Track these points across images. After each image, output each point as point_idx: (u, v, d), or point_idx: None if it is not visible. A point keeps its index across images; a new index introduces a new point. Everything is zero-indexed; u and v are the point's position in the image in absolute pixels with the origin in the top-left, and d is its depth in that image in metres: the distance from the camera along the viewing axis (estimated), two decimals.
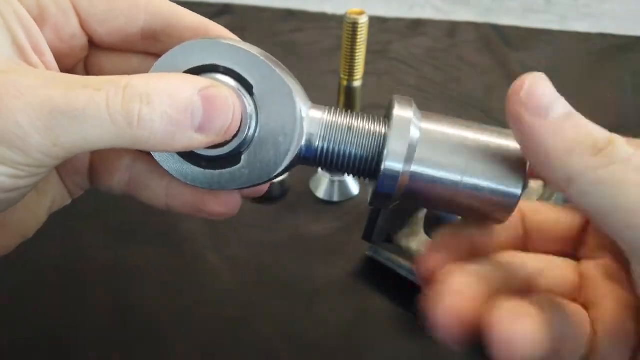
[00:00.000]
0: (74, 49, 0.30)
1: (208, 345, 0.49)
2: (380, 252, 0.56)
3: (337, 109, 0.29)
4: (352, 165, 0.29)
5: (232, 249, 0.58)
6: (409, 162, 0.27)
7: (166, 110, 0.24)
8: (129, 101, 0.23)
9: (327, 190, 0.65)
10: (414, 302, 0.31)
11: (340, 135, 0.28)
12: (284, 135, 0.28)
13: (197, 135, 0.25)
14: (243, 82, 0.28)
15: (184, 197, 0.31)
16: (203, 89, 0.25)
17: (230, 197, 0.31)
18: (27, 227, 0.31)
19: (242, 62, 0.28)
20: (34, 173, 0.24)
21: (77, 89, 0.23)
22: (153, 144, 0.24)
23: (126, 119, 0.23)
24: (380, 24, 1.03)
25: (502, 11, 1.14)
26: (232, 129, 0.26)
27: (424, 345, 0.50)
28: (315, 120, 0.28)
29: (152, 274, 0.55)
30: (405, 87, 0.89)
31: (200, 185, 0.29)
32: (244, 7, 1.07)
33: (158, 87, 0.24)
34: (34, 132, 0.23)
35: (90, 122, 0.23)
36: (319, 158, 0.29)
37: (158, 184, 0.32)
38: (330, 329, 0.51)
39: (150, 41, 0.31)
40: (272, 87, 0.28)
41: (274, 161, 0.28)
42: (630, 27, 1.06)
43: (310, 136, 0.28)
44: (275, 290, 0.54)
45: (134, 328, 0.50)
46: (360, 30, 0.57)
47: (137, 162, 0.32)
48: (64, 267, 0.55)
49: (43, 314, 0.51)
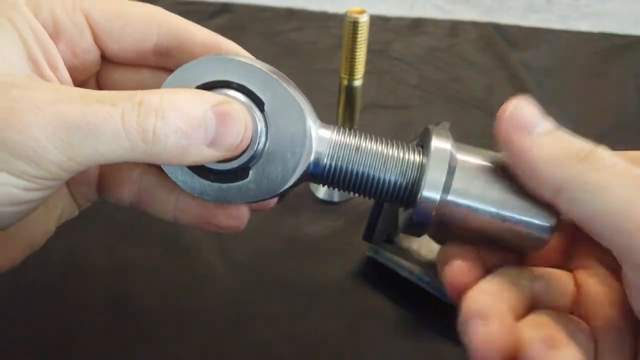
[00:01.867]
0: (87, 64, 0.31)
1: (208, 346, 0.49)
2: (381, 252, 0.56)
3: (345, 129, 0.30)
4: (363, 186, 0.29)
5: (232, 250, 0.58)
6: (446, 193, 0.28)
7: (180, 126, 0.24)
8: (144, 117, 0.24)
9: (327, 191, 0.65)
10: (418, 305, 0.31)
11: (348, 155, 0.29)
12: (293, 153, 0.28)
13: (208, 150, 0.25)
14: (254, 98, 0.28)
15: (193, 210, 0.32)
16: (216, 105, 0.25)
17: (239, 211, 0.31)
18: (36, 240, 0.32)
19: (254, 79, 0.28)
20: (46, 186, 0.25)
21: (93, 105, 0.24)
22: (166, 159, 0.25)
23: (141, 134, 0.24)
24: (381, 23, 1.03)
25: (504, 10, 1.14)
26: (243, 144, 0.27)
27: (424, 345, 0.50)
28: (324, 139, 0.29)
29: (153, 275, 0.55)
30: (406, 86, 0.88)
31: (208, 198, 0.29)
32: (244, 6, 1.07)
33: (172, 102, 0.24)
34: (50, 146, 0.23)
35: (106, 137, 0.23)
36: (325, 176, 0.29)
37: (167, 197, 0.32)
38: (330, 329, 0.51)
39: (162, 56, 0.31)
40: (282, 105, 0.28)
41: (282, 177, 0.29)
42: (632, 27, 1.06)
43: (319, 155, 0.29)
44: (275, 291, 0.54)
45: (134, 328, 0.50)
46: (361, 29, 0.57)
47: (146, 175, 0.33)
48: (65, 267, 0.55)
49: (43, 314, 0.51)
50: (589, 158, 0.25)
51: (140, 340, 0.49)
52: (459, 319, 0.27)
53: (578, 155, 0.25)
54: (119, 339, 0.49)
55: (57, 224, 0.33)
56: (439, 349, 0.50)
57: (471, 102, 0.84)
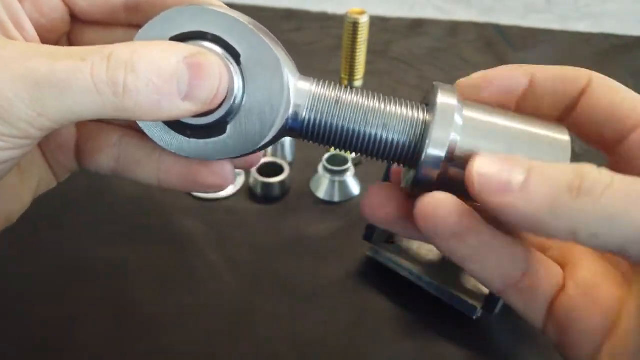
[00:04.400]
0: (55, 23, 0.30)
1: (208, 345, 0.49)
2: (381, 252, 0.56)
3: (326, 81, 0.29)
4: (349, 142, 0.28)
5: (232, 249, 0.58)
6: (452, 150, 0.27)
7: (151, 79, 0.23)
8: (113, 70, 0.23)
9: (327, 191, 0.65)
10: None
11: (328, 108, 0.28)
12: (271, 106, 0.27)
13: (183, 103, 0.24)
14: (230, 50, 0.27)
15: (176, 170, 0.30)
16: (189, 57, 0.24)
17: (223, 167, 0.30)
18: (11, 211, 0.30)
19: (230, 30, 0.27)
20: (18, 145, 0.24)
21: (61, 59, 0.23)
22: (139, 113, 0.24)
23: (111, 88, 0.23)
24: (381, 24, 1.03)
25: (503, 11, 1.14)
26: (218, 97, 0.26)
27: (424, 345, 0.50)
28: (303, 92, 0.28)
29: (153, 274, 0.55)
30: (406, 86, 0.89)
31: (185, 154, 0.28)
32: (244, 6, 1.07)
33: (143, 55, 0.24)
34: (18, 102, 0.22)
35: (75, 92, 0.23)
36: (305, 130, 0.28)
37: (149, 158, 0.31)
38: (330, 329, 0.51)
39: (133, 12, 0.30)
40: (260, 57, 0.27)
41: (260, 132, 0.27)
42: (631, 27, 1.06)
43: (297, 107, 0.28)
44: (275, 290, 0.54)
45: (134, 328, 0.50)
46: (361, 30, 0.57)
47: (125, 138, 0.31)
48: (65, 267, 0.55)
49: (43, 314, 0.51)
50: (584, 187, 0.23)
51: (139, 339, 0.49)
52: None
53: (571, 191, 0.23)
54: (118, 338, 0.49)
55: (34, 196, 0.32)
56: (439, 349, 0.50)
57: None
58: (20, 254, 0.56)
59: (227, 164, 0.30)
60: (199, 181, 0.30)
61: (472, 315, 0.51)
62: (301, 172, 0.68)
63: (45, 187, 0.32)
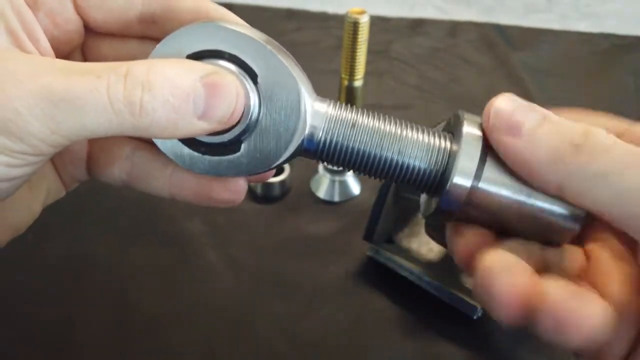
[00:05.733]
0: (69, 35, 0.29)
1: (208, 345, 0.49)
2: (381, 252, 0.56)
3: (343, 104, 0.29)
4: (364, 165, 0.28)
5: (232, 249, 0.58)
6: (477, 180, 0.27)
7: (168, 98, 0.23)
8: (130, 89, 0.23)
9: (327, 191, 0.65)
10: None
11: (344, 131, 0.28)
12: (287, 127, 0.27)
13: (199, 122, 0.24)
14: (247, 69, 0.27)
15: (189, 184, 0.30)
16: (206, 76, 0.24)
17: (237, 184, 0.30)
18: (20, 222, 0.30)
19: (247, 48, 0.27)
20: (30, 162, 0.24)
21: (77, 76, 0.23)
22: (155, 132, 0.24)
23: (128, 108, 0.23)
24: (382, 24, 1.03)
25: (504, 11, 1.14)
26: (234, 117, 0.26)
27: (424, 345, 0.50)
28: (320, 114, 0.28)
29: (153, 274, 0.55)
30: (406, 86, 0.89)
31: (198, 171, 0.28)
32: (244, 6, 1.07)
33: (159, 74, 0.23)
34: (32, 119, 0.22)
35: (91, 110, 0.23)
36: (320, 152, 0.28)
37: (161, 172, 0.31)
38: (330, 329, 0.51)
39: (148, 25, 0.30)
40: (277, 77, 0.27)
41: (274, 152, 0.27)
42: (632, 27, 1.06)
43: (313, 129, 0.28)
44: (275, 290, 0.54)
45: (134, 328, 0.50)
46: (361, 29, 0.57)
47: (138, 151, 0.31)
48: (65, 267, 0.55)
49: (43, 314, 0.51)
50: (586, 145, 0.24)
51: (140, 339, 0.49)
52: (476, 280, 0.26)
53: (572, 146, 0.24)
54: (118, 338, 0.49)
55: (43, 205, 0.31)
56: (439, 349, 0.50)
57: (471, 102, 0.84)
58: (20, 253, 0.56)
59: (241, 180, 0.30)
60: (211, 196, 0.30)
61: (472, 315, 0.51)
62: (301, 171, 0.68)
63: (54, 197, 0.32)
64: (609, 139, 0.24)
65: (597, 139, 0.24)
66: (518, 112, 0.25)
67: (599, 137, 0.24)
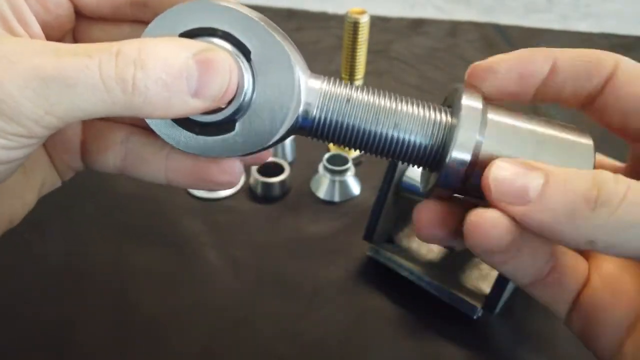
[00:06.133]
0: (60, 19, 0.29)
1: (208, 345, 0.49)
2: (381, 252, 0.56)
3: (337, 79, 0.28)
4: (361, 141, 0.28)
5: (232, 249, 0.58)
6: (476, 154, 0.26)
7: (161, 76, 0.23)
8: (122, 67, 0.23)
9: (327, 191, 0.65)
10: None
11: (339, 107, 0.27)
12: (281, 104, 0.27)
13: (192, 100, 0.24)
14: (241, 47, 0.27)
15: (185, 167, 0.30)
16: (198, 53, 0.24)
17: (233, 165, 0.30)
18: (15, 212, 0.30)
19: (240, 26, 0.27)
20: (24, 144, 0.24)
21: (68, 56, 0.23)
22: (148, 111, 0.24)
23: (120, 85, 0.23)
24: (382, 24, 1.03)
25: (504, 11, 1.14)
26: (228, 94, 0.26)
27: (424, 345, 0.50)
28: (314, 90, 0.27)
29: (153, 274, 0.55)
30: (406, 86, 0.89)
31: (193, 151, 0.28)
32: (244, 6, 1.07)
33: (151, 52, 0.23)
34: (24, 100, 0.22)
35: (83, 89, 0.23)
36: (315, 129, 0.28)
37: (157, 156, 0.30)
38: (330, 329, 0.51)
39: (139, 8, 0.30)
40: (270, 54, 0.27)
41: (269, 130, 0.27)
42: (632, 27, 1.06)
43: (308, 106, 0.27)
44: (275, 290, 0.54)
45: (134, 328, 0.50)
46: (362, 29, 0.57)
47: (132, 136, 0.31)
48: (65, 266, 0.55)
49: (43, 314, 0.51)
50: (601, 197, 0.23)
51: (140, 339, 0.49)
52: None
53: (587, 202, 0.23)
54: (118, 338, 0.49)
55: (39, 196, 0.31)
56: (439, 349, 0.50)
57: None
58: (20, 253, 0.56)
59: (237, 161, 0.30)
60: (209, 178, 0.30)
61: (472, 315, 0.51)
62: (301, 171, 0.68)
63: (49, 187, 0.32)
64: (620, 185, 0.23)
65: (610, 189, 0.23)
66: (519, 178, 0.24)
67: (610, 186, 0.23)
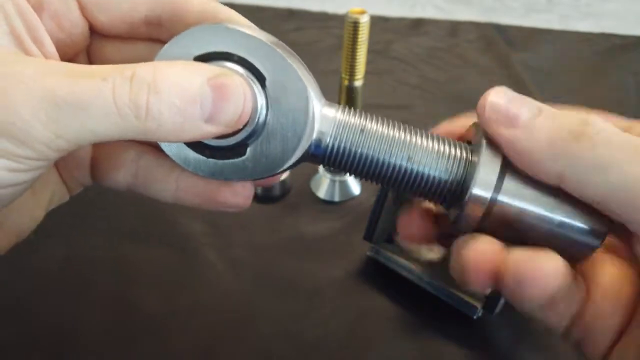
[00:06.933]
0: (74, 38, 0.29)
1: (208, 345, 0.49)
2: (381, 252, 0.56)
3: (352, 109, 0.28)
4: (369, 171, 0.28)
5: (232, 249, 0.58)
6: (497, 192, 0.26)
7: (175, 101, 0.23)
8: (136, 92, 0.22)
9: (328, 190, 0.65)
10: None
11: (352, 137, 0.27)
12: (294, 132, 0.27)
13: (206, 126, 0.24)
14: (255, 72, 0.26)
15: (196, 188, 0.30)
16: (213, 78, 0.24)
17: (245, 188, 0.30)
18: (23, 227, 0.30)
19: (255, 51, 0.26)
20: (34, 167, 0.23)
21: (81, 79, 0.22)
22: (161, 136, 0.24)
23: (134, 111, 0.23)
24: (382, 24, 1.03)
25: (504, 11, 1.14)
26: (242, 120, 0.25)
27: (424, 345, 0.50)
28: (328, 119, 0.27)
29: (153, 274, 0.55)
30: (406, 86, 0.89)
31: (203, 174, 0.28)
32: (244, 6, 1.07)
33: (165, 76, 0.23)
34: (36, 123, 0.22)
35: (96, 113, 0.22)
36: (327, 157, 0.28)
37: (167, 176, 0.30)
38: (330, 329, 0.51)
39: (155, 27, 0.29)
40: (285, 80, 0.26)
41: (281, 157, 0.27)
42: (632, 27, 1.06)
43: (321, 135, 0.27)
44: (275, 290, 0.54)
45: (134, 327, 0.50)
46: (362, 29, 0.57)
47: (143, 155, 0.31)
48: (65, 267, 0.55)
49: (43, 313, 0.51)
50: (584, 135, 0.24)
51: (140, 339, 0.49)
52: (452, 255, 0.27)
53: (572, 135, 0.24)
54: (118, 338, 0.49)
55: (47, 211, 0.31)
56: (439, 349, 0.50)
57: (471, 102, 0.84)
58: (20, 254, 0.56)
59: (248, 184, 0.30)
60: (220, 200, 0.30)
61: (472, 315, 0.51)
62: (301, 171, 0.67)
63: (57, 201, 0.32)
64: (608, 128, 0.24)
65: (597, 128, 0.24)
66: (513, 104, 0.26)
67: (598, 126, 0.24)
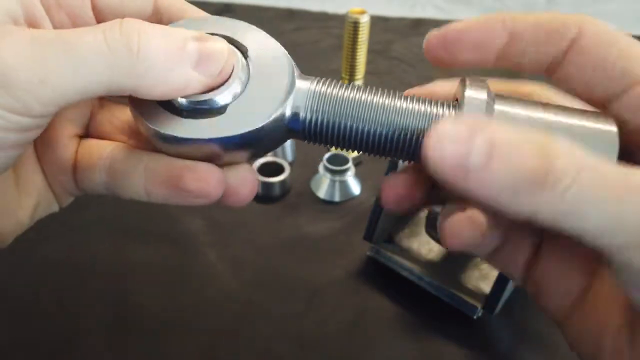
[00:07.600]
0: None
1: (208, 345, 0.49)
2: (381, 252, 0.56)
3: (327, 79, 0.29)
4: (348, 140, 0.27)
5: (232, 249, 0.58)
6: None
7: (162, 44, 0.24)
8: (127, 34, 0.23)
9: (328, 190, 0.65)
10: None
11: (329, 107, 0.27)
12: (272, 99, 0.27)
13: (193, 73, 0.25)
14: (237, 45, 0.28)
15: (160, 177, 0.28)
16: (197, 37, 0.25)
17: (211, 173, 0.28)
18: (5, 232, 0.29)
19: (239, 31, 0.29)
20: (17, 125, 0.23)
21: (70, 30, 0.23)
22: (150, 82, 0.24)
23: (126, 46, 0.23)
24: (382, 24, 1.03)
25: (504, 10, 1.14)
26: (225, 72, 0.26)
27: (424, 345, 0.50)
28: (302, 91, 0.28)
29: (153, 274, 0.55)
30: (406, 86, 0.88)
31: (175, 133, 0.27)
32: (244, 6, 1.07)
33: (152, 27, 0.24)
34: (18, 65, 0.22)
35: (85, 51, 0.22)
36: (306, 130, 0.28)
37: (135, 168, 0.29)
38: (330, 329, 0.51)
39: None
40: (265, 53, 0.28)
41: (252, 121, 0.27)
42: (632, 27, 1.06)
43: (297, 108, 0.27)
44: (275, 290, 0.54)
45: (134, 327, 0.50)
46: (362, 29, 0.57)
47: (114, 150, 0.31)
48: (65, 266, 0.55)
49: (43, 313, 0.51)
50: (548, 180, 0.21)
51: (140, 339, 0.49)
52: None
53: (535, 181, 0.21)
54: (118, 338, 0.49)
55: (32, 217, 0.30)
56: (439, 349, 0.50)
57: None
58: (20, 253, 0.56)
59: (214, 169, 0.28)
60: (182, 186, 0.28)
61: (472, 315, 0.51)
62: (301, 171, 0.68)
63: (45, 209, 0.31)
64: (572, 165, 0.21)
65: (560, 169, 0.21)
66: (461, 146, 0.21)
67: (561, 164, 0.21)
